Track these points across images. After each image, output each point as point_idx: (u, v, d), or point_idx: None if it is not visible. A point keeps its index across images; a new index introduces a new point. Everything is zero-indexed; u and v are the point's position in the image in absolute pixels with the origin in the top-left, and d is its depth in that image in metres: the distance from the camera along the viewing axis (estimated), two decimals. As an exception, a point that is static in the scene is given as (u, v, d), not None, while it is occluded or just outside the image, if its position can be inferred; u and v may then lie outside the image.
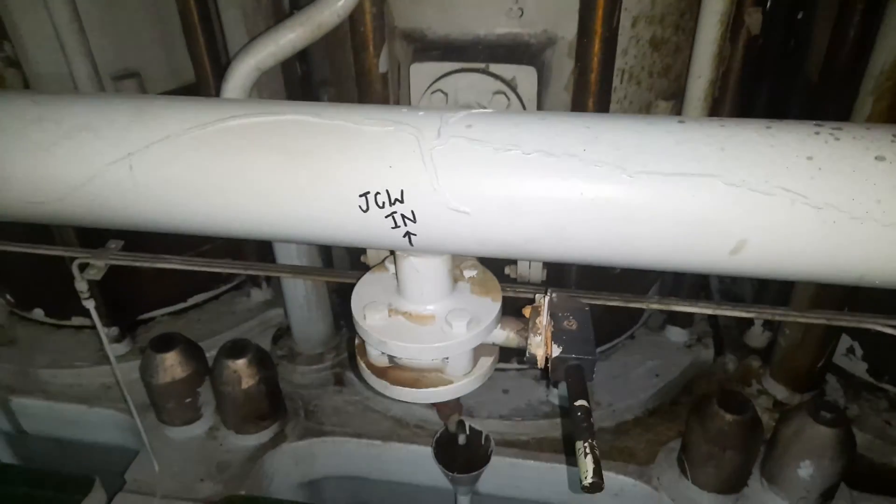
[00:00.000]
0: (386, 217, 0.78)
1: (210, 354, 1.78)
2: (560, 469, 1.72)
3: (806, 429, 1.45)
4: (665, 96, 1.56)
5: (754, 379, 1.90)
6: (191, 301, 2.20)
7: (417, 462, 1.75)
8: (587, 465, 0.73)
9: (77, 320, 2.11)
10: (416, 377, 0.93)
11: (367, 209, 0.78)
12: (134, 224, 0.86)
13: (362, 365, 0.96)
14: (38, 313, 2.13)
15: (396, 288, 0.94)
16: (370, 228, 0.79)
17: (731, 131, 0.73)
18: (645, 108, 1.56)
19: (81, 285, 1.28)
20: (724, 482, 1.54)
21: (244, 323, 2.17)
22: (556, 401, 1.84)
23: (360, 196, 0.77)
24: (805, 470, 1.44)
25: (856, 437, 1.49)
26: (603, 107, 1.43)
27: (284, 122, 0.79)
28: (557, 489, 1.72)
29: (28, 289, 2.13)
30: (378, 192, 0.77)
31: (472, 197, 0.75)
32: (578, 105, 1.42)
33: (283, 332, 2.08)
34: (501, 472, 1.70)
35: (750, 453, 1.52)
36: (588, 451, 0.74)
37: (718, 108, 1.52)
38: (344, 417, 1.86)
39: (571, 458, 1.75)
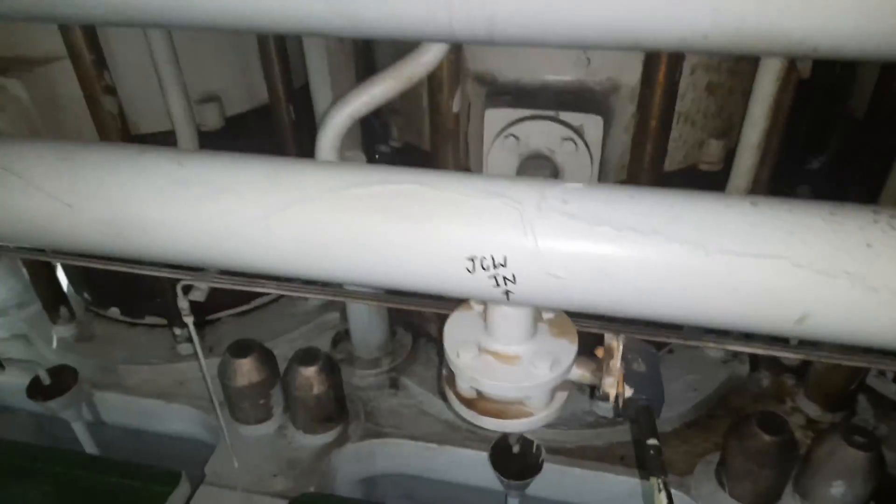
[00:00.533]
0: (489, 278, 0.90)
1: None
2: (602, 476, 1.84)
3: (839, 451, 1.55)
4: (716, 135, 1.66)
5: (788, 397, 2.01)
6: (253, 303, 2.35)
7: (469, 464, 1.89)
8: (662, 500, 0.85)
9: (150, 319, 2.27)
10: (501, 409, 1.05)
11: (474, 271, 0.90)
12: (266, 272, 0.99)
13: (451, 395, 1.09)
14: (114, 311, 2.30)
15: (484, 328, 1.07)
16: (474, 286, 0.91)
17: (798, 216, 0.83)
18: (697, 146, 1.66)
19: (183, 304, 1.42)
20: (760, 496, 1.65)
21: (303, 325, 2.31)
22: (598, 411, 1.96)
23: (469, 259, 0.89)
24: (837, 489, 1.55)
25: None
26: (660, 147, 1.53)
27: (404, 191, 0.91)
28: (599, 496, 1.85)
29: (105, 288, 2.29)
30: (484, 257, 0.89)
31: (566, 264, 0.87)
32: (638, 145, 1.53)
33: (341, 337, 2.22)
34: (547, 477, 1.82)
35: (785, 471, 1.64)
36: (662, 486, 0.86)
37: (768, 147, 1.61)
38: (400, 419, 2.00)
39: (611, 466, 1.87)
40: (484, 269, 0.90)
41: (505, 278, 0.90)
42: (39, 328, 2.30)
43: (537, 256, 0.87)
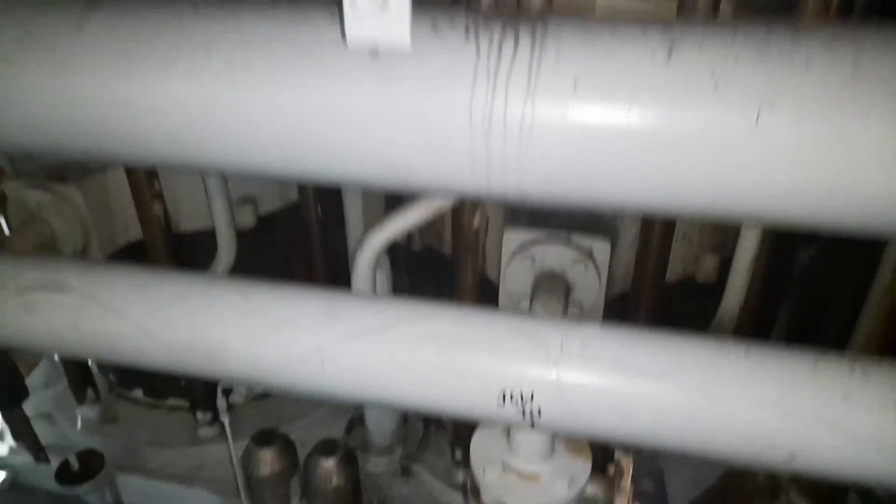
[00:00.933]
0: (517, 410, 1.02)
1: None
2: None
3: (832, 553, 1.65)
4: (711, 250, 1.81)
5: (783, 493, 2.10)
6: (271, 387, 2.45)
7: (479, 556, 1.96)
8: None
9: (172, 401, 2.36)
10: (522, 521, 1.16)
11: (504, 403, 1.02)
12: (318, 399, 1.11)
13: (476, 506, 1.20)
14: (138, 393, 2.39)
15: (508, 447, 1.18)
16: (504, 416, 1.04)
17: (786, 367, 0.97)
18: (693, 260, 1.81)
19: (221, 403, 1.53)
20: None
21: (318, 409, 2.40)
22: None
23: (500, 393, 1.02)
24: (831, 592, 1.64)
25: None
26: (661, 263, 1.69)
27: (443, 329, 1.05)
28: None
29: (130, 370, 2.39)
30: (513, 392, 1.02)
31: (586, 401, 1.00)
32: (641, 261, 1.68)
33: (355, 423, 2.31)
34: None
35: (781, 571, 1.72)
36: None
37: (758, 267, 1.76)
38: (412, 508, 2.07)
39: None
40: (513, 401, 1.02)
41: (531, 411, 1.02)
42: (64, 407, 2.39)
43: (560, 394, 1.00)
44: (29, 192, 1.76)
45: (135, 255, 1.97)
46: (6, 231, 1.78)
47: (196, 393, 2.22)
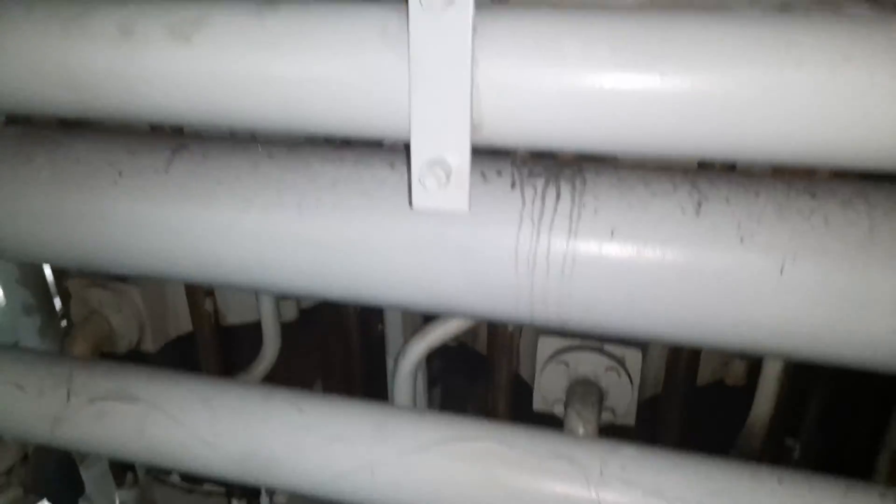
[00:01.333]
0: (562, 533, 1.07)
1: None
2: None
3: None
4: (739, 355, 1.86)
5: None
6: (303, 474, 2.49)
7: None
8: None
9: (207, 486, 2.41)
10: None
11: (550, 529, 1.07)
12: (367, 509, 1.17)
13: None
14: (175, 477, 2.44)
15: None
16: (547, 537, 1.09)
17: (817, 496, 1.01)
18: (721, 365, 1.86)
19: (265, 500, 1.59)
20: None
21: (349, 498, 2.43)
22: None
23: (545, 518, 1.07)
24: None
25: None
26: (691, 368, 1.73)
27: (487, 450, 1.11)
28: None
29: (168, 454, 2.46)
30: (556, 515, 1.06)
31: (626, 525, 1.05)
32: (671, 368, 1.73)
33: (386, 514, 2.32)
34: None
35: None
36: None
37: (786, 375, 1.79)
38: None
39: None
40: (556, 525, 1.07)
41: (574, 534, 1.07)
42: (103, 489, 2.44)
43: (602, 517, 1.05)
44: (91, 290, 1.88)
45: (183, 346, 2.07)
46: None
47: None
